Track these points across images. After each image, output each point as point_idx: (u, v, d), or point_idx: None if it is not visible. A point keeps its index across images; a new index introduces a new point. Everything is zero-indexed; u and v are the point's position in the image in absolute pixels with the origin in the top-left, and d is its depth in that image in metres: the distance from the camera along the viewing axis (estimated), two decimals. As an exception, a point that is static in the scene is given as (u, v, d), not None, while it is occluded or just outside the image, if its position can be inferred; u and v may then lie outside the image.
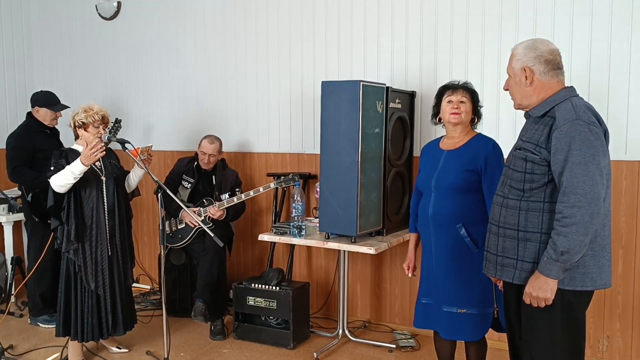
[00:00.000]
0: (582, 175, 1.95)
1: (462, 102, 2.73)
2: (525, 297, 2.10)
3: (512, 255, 2.15)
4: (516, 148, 2.19)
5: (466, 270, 2.68)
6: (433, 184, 2.73)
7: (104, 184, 3.37)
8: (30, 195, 3.98)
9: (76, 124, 3.36)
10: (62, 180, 3.20)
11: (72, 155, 3.31)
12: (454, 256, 2.70)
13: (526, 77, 2.15)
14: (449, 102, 2.75)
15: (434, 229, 2.74)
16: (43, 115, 4.11)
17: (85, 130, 3.35)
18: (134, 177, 3.60)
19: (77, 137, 3.44)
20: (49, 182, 3.24)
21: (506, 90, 2.28)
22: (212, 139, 4.19)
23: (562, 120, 2.02)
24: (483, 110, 2.85)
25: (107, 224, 3.37)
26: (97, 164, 3.34)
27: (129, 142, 3.26)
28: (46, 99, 4.13)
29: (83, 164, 3.17)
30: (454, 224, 2.67)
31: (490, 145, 2.71)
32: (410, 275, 2.98)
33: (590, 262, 2.05)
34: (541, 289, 2.03)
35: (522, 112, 2.30)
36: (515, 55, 2.18)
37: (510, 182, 2.16)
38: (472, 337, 2.75)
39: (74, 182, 3.21)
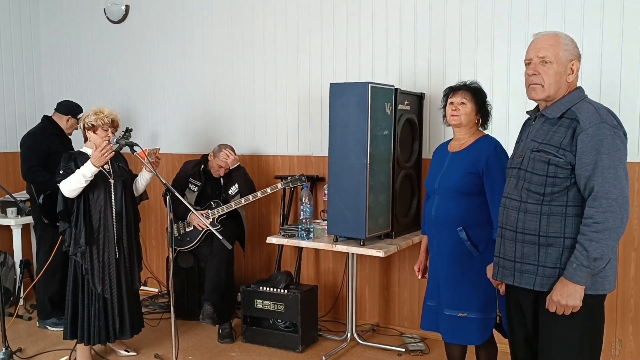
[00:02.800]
0: (613, 180, 1.92)
1: (462, 103, 2.69)
2: (551, 305, 2.03)
3: (532, 261, 2.09)
4: (533, 150, 2.10)
5: (467, 273, 2.65)
6: (436, 186, 2.72)
7: (112, 187, 3.38)
8: (42, 197, 3.97)
9: (86, 126, 3.37)
10: (72, 185, 3.21)
11: (81, 158, 3.32)
12: (454, 259, 2.67)
13: (572, 70, 2.09)
14: (450, 103, 2.73)
15: (436, 231, 2.73)
16: (71, 124, 4.19)
17: (94, 132, 3.36)
18: (142, 180, 3.60)
19: (86, 139, 3.45)
20: (58, 186, 3.25)
21: (533, 74, 2.09)
22: (230, 150, 4.10)
23: (586, 122, 1.98)
24: (492, 111, 2.81)
25: (114, 227, 3.37)
26: (105, 166, 3.35)
27: (137, 145, 3.27)
28: (78, 111, 4.18)
29: (94, 165, 3.19)
30: (455, 226, 2.64)
31: (492, 148, 2.65)
32: (420, 277, 2.95)
33: (609, 265, 2.04)
34: (570, 297, 1.98)
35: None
36: (564, 45, 2.07)
37: (529, 185, 2.09)
38: (473, 342, 2.72)
39: (85, 185, 3.22)
